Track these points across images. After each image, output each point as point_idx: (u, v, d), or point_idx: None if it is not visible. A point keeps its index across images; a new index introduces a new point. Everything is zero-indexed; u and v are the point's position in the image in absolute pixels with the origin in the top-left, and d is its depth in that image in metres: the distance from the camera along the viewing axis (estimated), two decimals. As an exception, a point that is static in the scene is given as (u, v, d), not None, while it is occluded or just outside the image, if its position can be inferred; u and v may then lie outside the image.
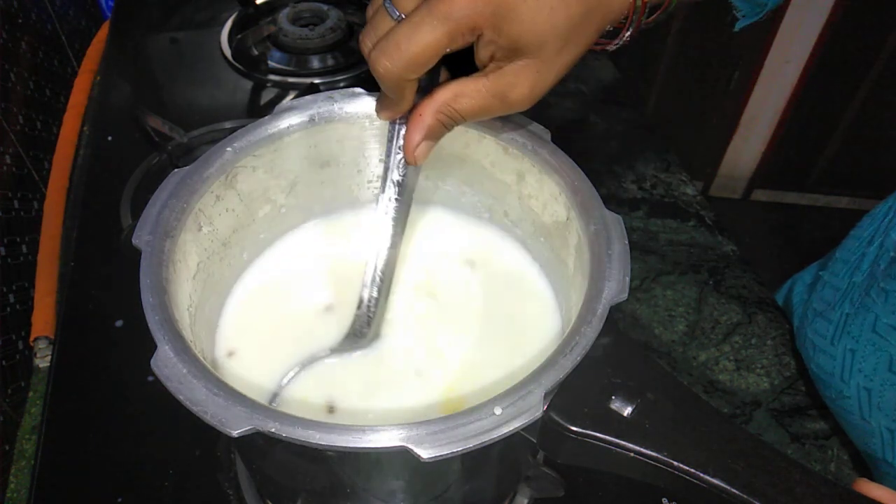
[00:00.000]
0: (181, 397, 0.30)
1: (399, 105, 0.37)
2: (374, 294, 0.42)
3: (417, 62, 0.33)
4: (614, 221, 0.39)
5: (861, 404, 0.54)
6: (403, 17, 0.33)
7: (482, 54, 0.34)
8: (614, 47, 0.39)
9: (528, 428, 0.30)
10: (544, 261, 0.47)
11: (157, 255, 0.36)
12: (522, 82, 0.34)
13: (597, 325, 0.33)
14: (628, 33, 0.38)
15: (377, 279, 0.42)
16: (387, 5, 0.34)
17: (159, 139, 0.76)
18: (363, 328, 0.42)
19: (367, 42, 0.35)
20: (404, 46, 0.32)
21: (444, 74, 0.37)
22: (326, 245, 0.50)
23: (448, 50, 0.33)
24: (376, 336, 0.44)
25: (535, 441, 0.34)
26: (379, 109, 0.38)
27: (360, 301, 0.42)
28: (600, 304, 0.34)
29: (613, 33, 0.38)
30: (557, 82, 0.36)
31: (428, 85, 0.37)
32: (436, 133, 0.37)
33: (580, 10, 0.33)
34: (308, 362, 0.42)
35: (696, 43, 1.67)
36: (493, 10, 0.32)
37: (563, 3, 0.33)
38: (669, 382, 0.33)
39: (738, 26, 0.48)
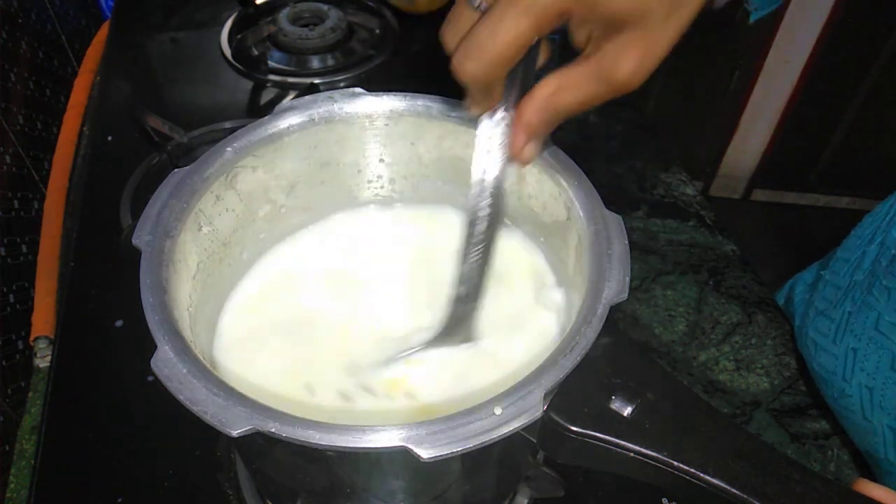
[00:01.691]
0: (181, 397, 0.30)
1: (488, 101, 0.34)
2: (466, 290, 0.39)
3: (503, 60, 0.30)
4: (614, 221, 0.39)
5: (863, 403, 0.54)
6: (485, 6, 0.30)
7: (578, 36, 0.31)
8: (722, 3, 0.36)
9: (528, 428, 0.30)
10: (544, 261, 0.47)
11: (157, 255, 0.36)
12: (629, 59, 0.30)
13: (597, 325, 0.33)
14: None
15: (472, 274, 0.39)
16: (469, 0, 0.31)
17: (159, 139, 0.76)
18: (457, 324, 0.41)
19: (448, 39, 0.32)
20: (489, 46, 0.30)
21: (545, 51, 0.34)
22: (326, 245, 0.50)
23: (537, 40, 0.30)
24: (469, 338, 0.42)
25: (535, 441, 0.34)
26: (468, 106, 0.34)
27: (454, 297, 0.40)
28: (600, 304, 0.34)
29: None
30: (669, 52, 0.32)
31: (526, 72, 0.33)
32: (541, 132, 0.34)
33: None
34: (396, 358, 0.41)
35: (696, 43, 1.67)
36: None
37: None
38: (669, 382, 0.33)
39: (752, 18, 0.46)
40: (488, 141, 0.35)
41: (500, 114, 0.34)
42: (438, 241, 0.51)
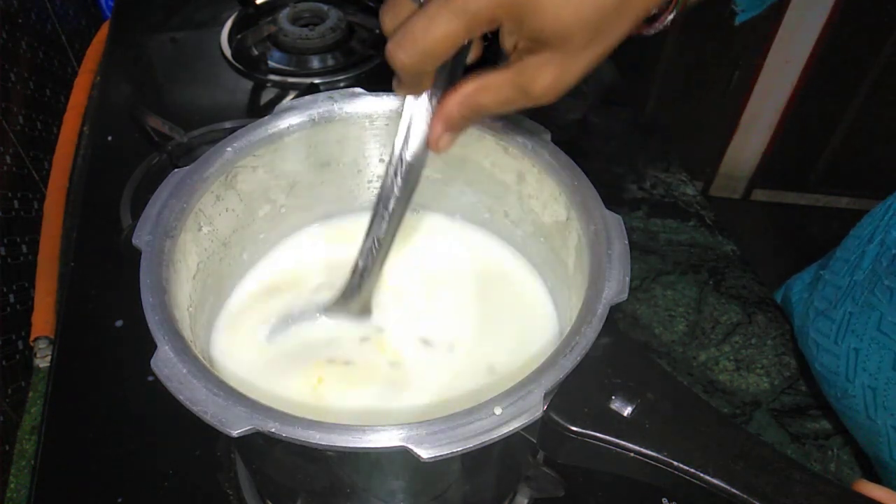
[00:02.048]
0: (181, 397, 0.30)
1: (416, 88, 0.36)
2: (364, 264, 0.41)
3: (433, 55, 0.32)
4: (614, 221, 0.39)
5: (867, 403, 0.54)
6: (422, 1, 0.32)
7: (506, 43, 0.34)
8: (653, 32, 0.37)
9: (528, 428, 0.31)
10: (544, 261, 0.47)
11: (157, 255, 0.36)
12: (545, 76, 0.32)
13: (597, 325, 0.33)
14: (671, 16, 0.36)
15: (373, 249, 0.41)
16: None
17: (159, 139, 0.76)
18: (353, 293, 0.43)
19: (386, 22, 0.34)
20: (420, 39, 0.31)
21: (476, 49, 0.36)
22: (326, 245, 0.50)
23: (467, 41, 0.32)
24: (367, 311, 0.44)
25: (535, 441, 0.34)
26: (396, 86, 0.36)
27: (354, 267, 0.42)
28: (600, 304, 0.34)
29: (653, 17, 0.36)
30: (587, 74, 0.34)
31: (454, 65, 0.35)
32: (459, 125, 0.36)
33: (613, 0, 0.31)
34: (298, 319, 0.43)
35: (696, 43, 1.67)
36: (512, 1, 0.30)
37: None
38: (669, 382, 0.33)
39: (738, 20, 0.47)
40: (409, 123, 0.37)
41: (424, 100, 0.36)
42: (438, 241, 0.51)
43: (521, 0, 0.30)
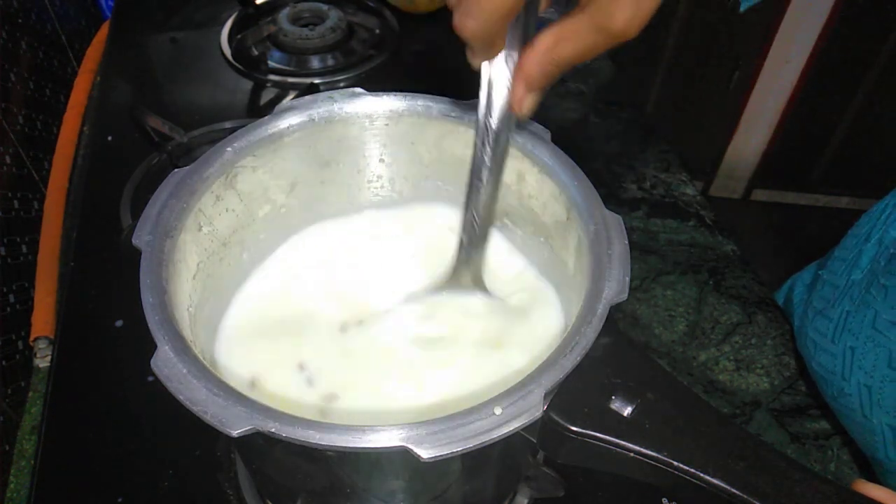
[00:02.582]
0: (181, 397, 0.30)
1: (490, 53, 0.34)
2: (469, 237, 0.41)
3: (501, 16, 0.30)
4: (614, 221, 0.39)
5: (862, 402, 0.54)
6: None
7: None
8: None
9: (528, 428, 0.30)
10: (544, 261, 0.47)
11: (157, 255, 0.36)
12: (623, 8, 0.31)
13: (597, 325, 0.33)
14: None
15: (474, 222, 0.40)
16: None
17: (159, 139, 0.76)
18: (463, 268, 0.43)
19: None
20: (486, 2, 0.30)
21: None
22: (326, 245, 0.50)
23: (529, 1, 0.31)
24: (479, 282, 0.44)
25: (535, 441, 0.34)
26: (471, 56, 0.34)
27: (459, 243, 0.42)
28: (600, 304, 0.34)
29: None
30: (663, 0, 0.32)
31: (527, 21, 0.34)
32: (541, 84, 0.34)
33: None
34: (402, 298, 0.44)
35: (696, 43, 1.67)
36: None
37: None
38: (669, 382, 0.33)
39: (743, 7, 0.47)
40: (489, 88, 0.36)
41: (501, 62, 0.35)
42: (438, 241, 0.51)
43: None
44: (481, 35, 0.31)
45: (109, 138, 0.81)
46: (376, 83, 0.42)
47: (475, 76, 0.36)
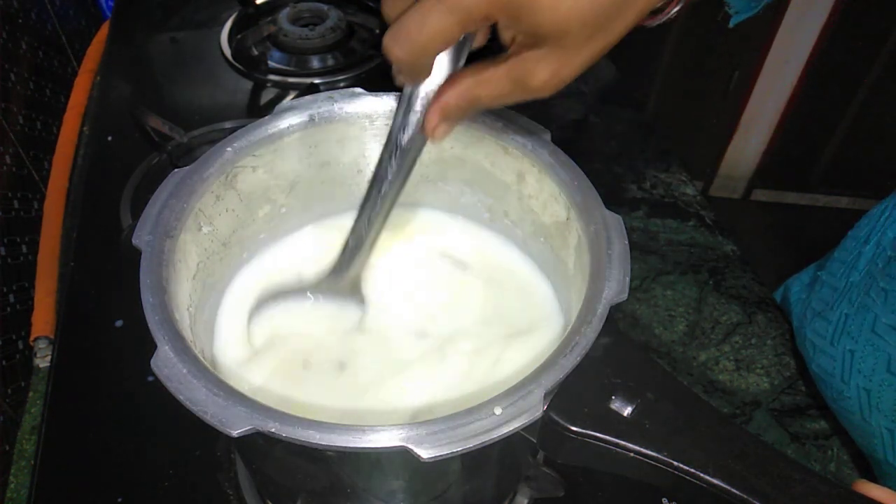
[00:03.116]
0: (181, 397, 0.30)
1: (414, 79, 0.36)
2: (355, 242, 0.42)
3: (427, 51, 0.32)
4: (614, 221, 0.39)
5: (861, 405, 0.54)
6: None
7: (503, 36, 0.33)
8: (657, 23, 0.37)
9: (528, 428, 0.30)
10: (544, 261, 0.47)
11: (157, 255, 0.36)
12: (543, 71, 0.32)
13: (597, 325, 0.33)
14: (677, 7, 0.36)
15: (363, 228, 0.42)
16: None
17: (159, 139, 0.76)
18: (341, 271, 0.44)
19: (387, 12, 0.34)
20: (414, 34, 0.31)
21: (482, 36, 0.36)
22: (326, 245, 0.50)
23: (462, 37, 0.32)
24: (357, 292, 0.45)
25: (535, 441, 0.34)
26: (396, 75, 0.35)
27: (344, 245, 0.43)
28: (600, 304, 0.34)
29: (658, 8, 0.36)
30: (587, 68, 0.33)
31: (455, 55, 0.35)
32: (455, 116, 0.36)
33: None
34: (286, 297, 0.44)
35: (696, 43, 1.67)
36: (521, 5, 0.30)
37: None
38: (669, 382, 0.33)
39: (733, 22, 0.47)
40: (406, 107, 0.37)
41: (422, 86, 0.36)
42: (437, 241, 0.51)
43: None
44: (405, 63, 0.32)
45: (109, 138, 0.81)
46: (376, 83, 0.42)
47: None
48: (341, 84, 0.89)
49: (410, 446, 0.29)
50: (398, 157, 0.38)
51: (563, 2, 0.30)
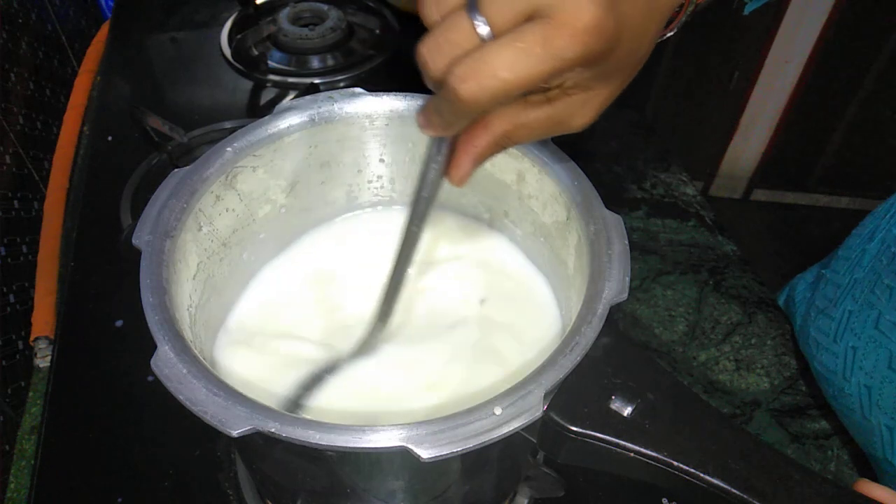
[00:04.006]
0: (181, 397, 0.30)
1: (454, 127, 0.32)
2: (394, 289, 0.41)
3: (510, 93, 0.28)
4: (614, 221, 0.39)
5: (862, 402, 0.54)
6: (489, 34, 0.27)
7: (553, 82, 0.31)
8: (670, 33, 0.37)
9: (528, 428, 0.30)
10: (544, 261, 0.47)
11: (157, 255, 0.36)
12: (589, 111, 0.32)
13: (597, 325, 0.33)
14: (684, 19, 0.37)
15: (392, 280, 0.41)
16: (473, 16, 0.28)
17: (159, 139, 0.76)
18: (385, 319, 0.43)
19: (439, 57, 0.28)
20: (503, 75, 0.27)
21: None
22: (326, 245, 0.50)
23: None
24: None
25: (535, 441, 0.34)
26: (426, 124, 0.32)
27: (385, 296, 0.42)
28: (600, 304, 0.34)
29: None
30: None
31: None
32: (485, 160, 0.34)
33: (657, 20, 0.30)
34: (327, 370, 0.42)
35: (696, 43, 1.67)
36: (605, 47, 0.28)
37: (651, 19, 0.30)
38: (669, 382, 0.33)
39: (747, 9, 0.47)
40: (434, 156, 0.35)
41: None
42: (437, 241, 0.51)
43: (612, 44, 0.28)
44: (479, 104, 0.28)
45: (109, 138, 0.81)
46: (376, 83, 0.42)
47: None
48: (341, 84, 0.89)
49: (410, 446, 0.29)
50: (426, 206, 0.37)
51: (644, 40, 0.30)
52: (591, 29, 0.27)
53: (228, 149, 0.42)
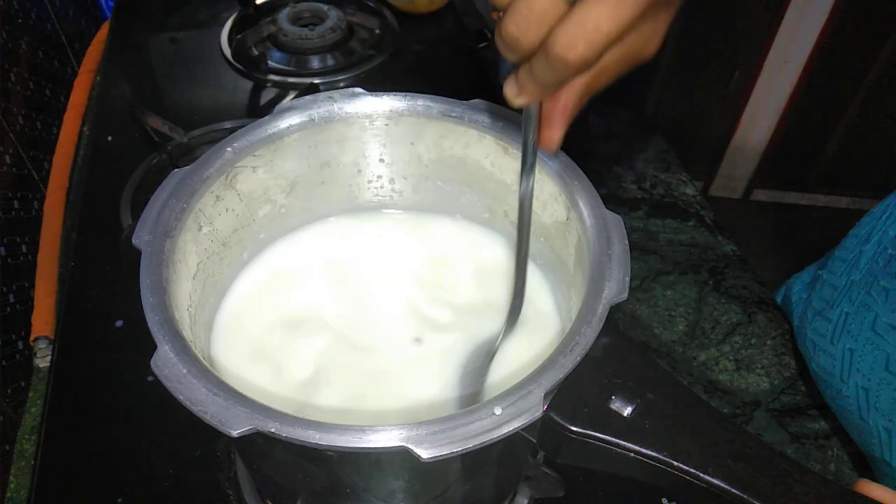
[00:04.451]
0: (181, 397, 0.30)
1: (551, 91, 0.32)
2: (520, 286, 0.42)
3: (613, 45, 0.29)
4: (614, 221, 0.39)
5: (860, 404, 0.54)
6: None
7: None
8: None
9: (528, 428, 0.30)
10: (544, 261, 0.47)
11: (157, 255, 0.36)
12: (657, 38, 0.31)
13: (597, 325, 0.33)
14: None
15: (523, 272, 0.41)
16: None
17: (159, 139, 0.76)
18: (514, 320, 0.43)
19: (532, 30, 0.28)
20: (605, 29, 0.28)
21: None
22: (326, 245, 0.50)
23: None
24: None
25: (535, 441, 0.34)
26: (519, 93, 0.32)
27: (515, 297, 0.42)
28: (600, 304, 0.34)
29: None
30: None
31: None
32: (573, 116, 0.34)
33: None
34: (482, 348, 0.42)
35: (696, 43, 1.67)
36: None
37: None
38: (669, 382, 0.33)
39: None
40: (529, 123, 0.34)
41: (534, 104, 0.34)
42: (438, 241, 0.51)
43: None
44: (587, 64, 0.29)
45: (109, 138, 0.81)
46: (376, 83, 0.42)
47: (474, 76, 0.36)
48: (341, 84, 0.89)
49: (410, 446, 0.29)
50: (531, 182, 0.37)
51: None
52: None
53: (228, 149, 0.42)
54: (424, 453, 0.29)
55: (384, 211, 0.52)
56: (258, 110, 0.86)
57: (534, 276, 0.48)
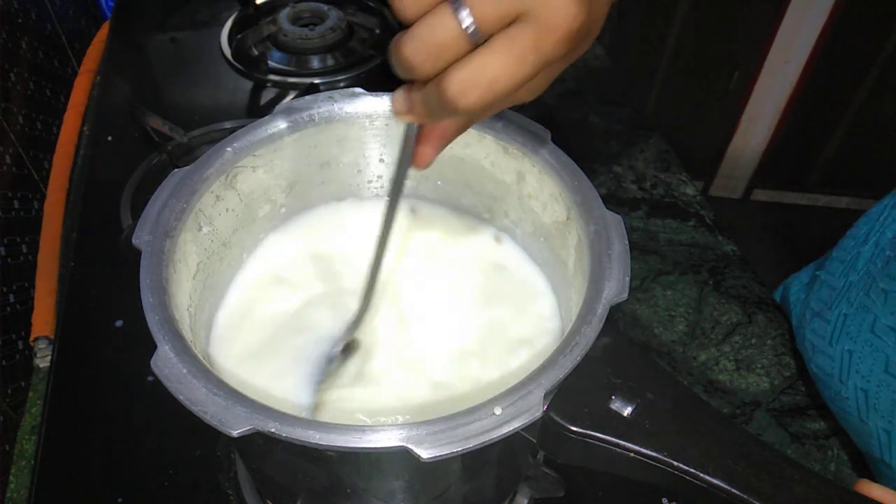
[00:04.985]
0: (181, 397, 0.30)
1: (436, 120, 0.33)
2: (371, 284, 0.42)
3: (506, 98, 0.29)
4: (614, 221, 0.39)
5: (859, 405, 0.54)
6: (477, 33, 0.27)
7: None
8: None
9: (528, 428, 0.30)
10: (544, 261, 0.47)
11: (157, 255, 0.36)
12: (546, 84, 0.32)
13: (597, 325, 0.33)
14: None
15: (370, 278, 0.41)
16: (458, 15, 0.27)
17: (159, 139, 0.76)
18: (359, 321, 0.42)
19: (428, 60, 0.28)
20: (501, 85, 0.28)
21: None
22: (326, 245, 0.50)
23: None
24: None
25: (535, 441, 0.34)
26: (407, 111, 0.32)
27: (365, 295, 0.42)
28: (600, 304, 0.34)
29: None
30: None
31: None
32: (450, 142, 0.35)
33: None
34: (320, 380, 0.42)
35: (696, 43, 1.67)
36: (584, 41, 0.29)
37: (609, 2, 0.30)
38: (669, 382, 0.33)
39: None
40: (406, 145, 0.35)
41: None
42: (437, 241, 0.51)
43: (588, 34, 0.29)
44: (477, 113, 0.29)
45: (109, 138, 0.81)
46: (376, 83, 0.42)
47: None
48: (341, 84, 0.89)
49: (410, 446, 0.29)
50: (397, 194, 0.38)
51: (602, 20, 0.30)
52: (575, 30, 0.27)
53: (228, 149, 0.42)
54: (424, 453, 0.29)
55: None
56: (258, 110, 0.86)
57: (534, 276, 0.48)
